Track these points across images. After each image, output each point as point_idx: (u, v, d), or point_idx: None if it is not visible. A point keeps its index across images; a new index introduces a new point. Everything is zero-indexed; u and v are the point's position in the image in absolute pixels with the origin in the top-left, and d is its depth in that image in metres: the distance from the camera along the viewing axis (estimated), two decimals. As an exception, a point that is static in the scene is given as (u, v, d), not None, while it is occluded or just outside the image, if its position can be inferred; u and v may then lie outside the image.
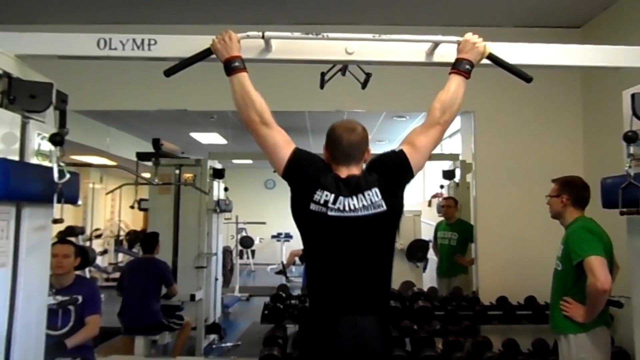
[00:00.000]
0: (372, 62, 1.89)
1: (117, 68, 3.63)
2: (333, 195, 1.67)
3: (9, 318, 1.47)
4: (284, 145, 1.73)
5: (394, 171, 1.74)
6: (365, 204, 1.68)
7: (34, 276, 1.58)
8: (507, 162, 3.81)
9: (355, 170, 1.77)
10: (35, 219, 1.57)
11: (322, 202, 1.67)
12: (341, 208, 1.67)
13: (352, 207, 1.67)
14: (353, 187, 1.70)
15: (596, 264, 2.19)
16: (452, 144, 5.34)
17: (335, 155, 1.78)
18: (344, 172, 1.75)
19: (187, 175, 4.82)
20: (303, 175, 1.71)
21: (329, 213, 1.66)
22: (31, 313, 1.56)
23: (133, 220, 9.27)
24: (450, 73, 1.77)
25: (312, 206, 1.68)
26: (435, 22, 3.72)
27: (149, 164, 4.72)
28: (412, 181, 1.79)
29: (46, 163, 1.59)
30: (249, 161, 9.48)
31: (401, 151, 1.76)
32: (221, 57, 1.70)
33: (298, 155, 1.73)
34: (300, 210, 1.71)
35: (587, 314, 2.28)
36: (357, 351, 1.64)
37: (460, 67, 1.74)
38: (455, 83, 1.75)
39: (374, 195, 1.69)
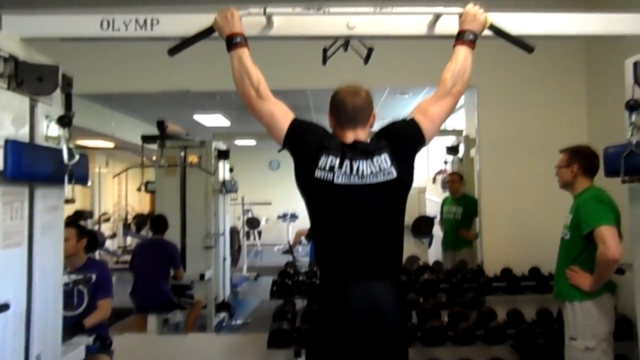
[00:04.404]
0: (374, 37, 1.88)
1: (119, 50, 3.63)
2: (339, 159, 1.65)
3: (27, 295, 1.52)
4: (282, 116, 1.72)
5: (405, 139, 1.72)
6: (374, 170, 1.65)
7: (49, 255, 1.62)
8: (510, 136, 3.80)
9: (361, 134, 1.74)
10: (48, 199, 1.60)
11: (327, 167, 1.64)
12: (348, 172, 1.64)
13: (359, 172, 1.64)
14: (361, 150, 1.68)
15: (607, 234, 2.21)
16: (455, 120, 5.33)
17: (340, 119, 1.76)
18: (350, 136, 1.73)
19: (193, 157, 4.85)
20: (304, 143, 1.69)
21: (336, 180, 1.63)
22: (48, 290, 1.61)
23: (140, 203, 9.37)
24: (455, 45, 1.76)
25: (318, 173, 1.64)
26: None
27: (154, 146, 4.75)
28: (417, 158, 1.78)
29: (55, 145, 1.61)
30: (253, 142, 9.49)
31: (413, 120, 1.74)
32: (223, 34, 1.71)
33: (297, 125, 1.72)
34: (305, 179, 1.69)
35: (595, 282, 2.30)
36: (371, 316, 1.61)
37: (465, 37, 1.74)
38: (463, 53, 1.74)
39: (384, 161, 1.66)
